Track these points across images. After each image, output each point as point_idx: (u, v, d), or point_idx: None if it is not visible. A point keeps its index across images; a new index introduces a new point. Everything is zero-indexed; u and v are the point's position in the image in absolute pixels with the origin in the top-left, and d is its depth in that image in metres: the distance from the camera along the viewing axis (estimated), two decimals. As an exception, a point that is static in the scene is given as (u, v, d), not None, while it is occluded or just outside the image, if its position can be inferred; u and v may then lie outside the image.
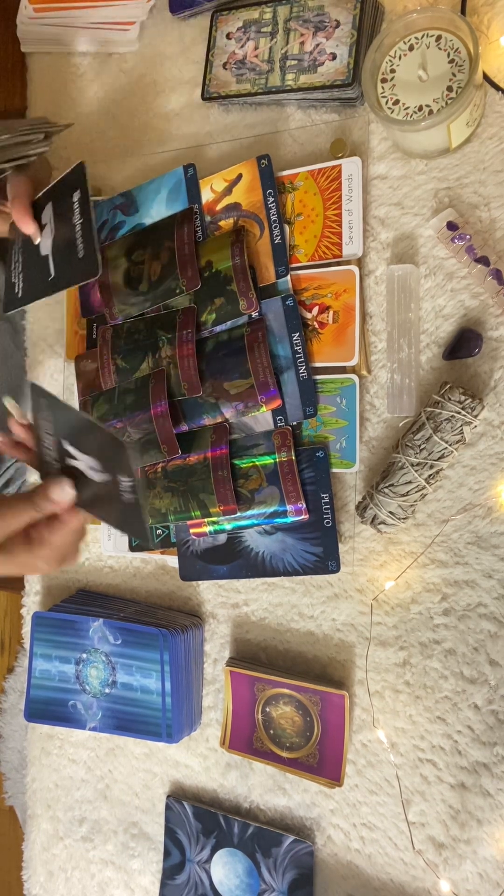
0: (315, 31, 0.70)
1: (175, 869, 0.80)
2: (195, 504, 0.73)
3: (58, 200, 0.72)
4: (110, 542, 0.82)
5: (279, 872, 0.74)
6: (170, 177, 0.77)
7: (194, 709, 0.78)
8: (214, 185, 0.75)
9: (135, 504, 0.57)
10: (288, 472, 0.71)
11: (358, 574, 0.71)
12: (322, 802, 0.73)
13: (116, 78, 0.84)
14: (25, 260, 0.75)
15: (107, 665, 0.79)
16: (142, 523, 0.58)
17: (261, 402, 0.71)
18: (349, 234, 0.69)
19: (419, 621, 0.69)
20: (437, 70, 0.63)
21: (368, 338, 0.70)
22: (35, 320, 0.90)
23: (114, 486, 0.58)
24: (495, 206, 0.65)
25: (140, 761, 0.83)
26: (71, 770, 0.88)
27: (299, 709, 0.72)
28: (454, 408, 0.63)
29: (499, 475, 0.65)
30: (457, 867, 0.67)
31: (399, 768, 0.70)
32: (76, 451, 0.59)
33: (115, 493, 0.58)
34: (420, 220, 0.68)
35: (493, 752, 0.66)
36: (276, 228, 0.72)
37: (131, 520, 0.59)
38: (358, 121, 0.71)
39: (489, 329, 0.65)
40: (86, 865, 0.88)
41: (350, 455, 0.70)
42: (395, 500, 0.65)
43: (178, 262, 0.74)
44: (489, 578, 0.66)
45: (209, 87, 0.76)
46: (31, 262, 0.74)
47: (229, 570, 0.75)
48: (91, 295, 0.82)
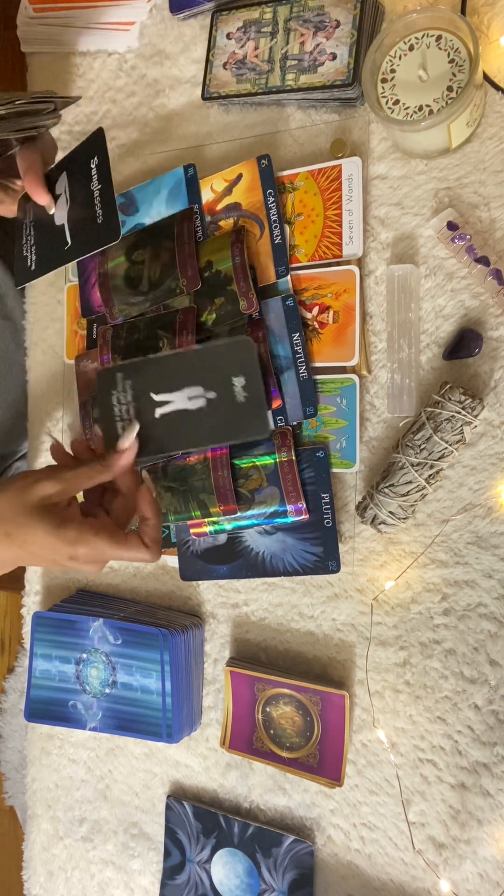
0: (315, 31, 0.70)
1: (175, 869, 0.80)
2: (195, 504, 0.73)
3: (74, 169, 0.72)
4: (110, 542, 0.82)
5: (279, 872, 0.74)
6: (170, 177, 0.77)
7: (194, 709, 0.78)
8: (214, 185, 0.75)
9: (251, 398, 0.61)
10: (288, 472, 0.71)
11: (358, 574, 0.71)
12: (322, 802, 0.74)
13: (116, 78, 0.84)
14: (38, 233, 0.75)
15: (107, 665, 0.79)
16: (263, 417, 0.62)
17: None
18: (349, 234, 0.69)
19: (419, 621, 0.69)
20: (437, 70, 0.63)
21: (368, 338, 0.70)
22: (35, 320, 0.90)
23: (227, 396, 0.61)
24: (495, 206, 0.65)
25: (140, 761, 0.83)
26: (71, 770, 0.88)
27: (299, 709, 0.72)
28: (454, 408, 0.63)
29: (499, 475, 0.65)
30: (457, 867, 0.67)
31: (399, 768, 0.70)
32: (170, 395, 0.62)
33: (228, 404, 0.62)
34: (420, 220, 0.68)
35: (493, 752, 0.66)
36: (277, 228, 0.72)
37: (250, 418, 0.62)
38: (358, 121, 0.71)
39: (489, 329, 0.65)
40: (86, 865, 0.88)
41: (350, 455, 0.70)
42: (395, 500, 0.65)
43: (178, 262, 0.74)
44: (489, 578, 0.66)
45: (209, 87, 0.76)
46: (44, 234, 0.74)
47: (229, 570, 0.75)
48: (91, 295, 0.82)
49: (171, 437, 0.65)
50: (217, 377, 0.62)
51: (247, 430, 0.66)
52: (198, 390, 0.61)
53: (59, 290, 0.88)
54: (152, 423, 0.65)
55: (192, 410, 0.63)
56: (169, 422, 0.64)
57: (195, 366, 0.62)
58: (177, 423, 0.64)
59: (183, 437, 0.65)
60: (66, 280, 0.86)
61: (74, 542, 0.58)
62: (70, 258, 0.71)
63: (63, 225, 0.72)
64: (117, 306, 0.78)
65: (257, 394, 0.63)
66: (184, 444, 0.65)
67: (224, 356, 0.64)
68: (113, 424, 0.65)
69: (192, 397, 0.62)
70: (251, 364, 0.62)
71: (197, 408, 0.63)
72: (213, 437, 0.65)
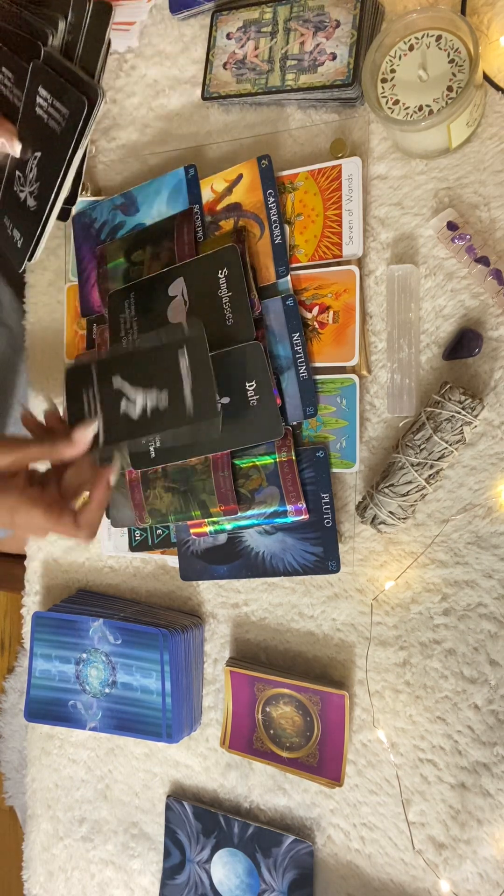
0: (315, 31, 0.70)
1: (175, 869, 0.80)
2: (195, 504, 0.73)
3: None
4: (110, 542, 0.82)
5: (279, 872, 0.74)
6: (171, 177, 0.77)
7: (194, 709, 0.78)
8: (215, 186, 0.75)
9: (263, 402, 0.67)
10: (288, 472, 0.71)
11: (358, 574, 0.71)
12: (322, 802, 0.74)
13: (116, 78, 0.84)
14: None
15: (107, 665, 0.79)
16: (276, 420, 0.68)
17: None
18: (349, 234, 0.69)
19: (419, 621, 0.69)
20: (437, 70, 0.63)
21: (368, 338, 0.70)
22: (35, 320, 0.90)
23: (240, 401, 0.67)
24: (495, 206, 0.65)
25: (140, 761, 0.83)
26: (71, 770, 0.88)
27: (299, 709, 0.72)
28: (454, 408, 0.63)
29: (499, 475, 0.65)
30: (457, 867, 0.67)
31: (399, 768, 0.70)
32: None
33: (241, 409, 0.67)
34: (420, 220, 0.68)
35: (493, 752, 0.66)
36: (277, 228, 0.72)
37: (264, 421, 0.68)
38: (358, 121, 0.71)
39: (489, 329, 0.65)
40: (86, 865, 0.88)
41: (350, 455, 0.70)
42: (395, 500, 0.65)
43: (178, 262, 0.74)
44: (489, 578, 0.66)
45: (209, 87, 0.76)
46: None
47: (229, 570, 0.75)
48: (91, 295, 0.82)
49: (187, 445, 0.68)
50: (231, 382, 0.66)
51: (261, 434, 0.68)
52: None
53: (59, 290, 0.88)
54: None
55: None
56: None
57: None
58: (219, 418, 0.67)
59: (199, 444, 0.68)
60: (66, 280, 0.86)
61: (11, 509, 0.63)
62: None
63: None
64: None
65: (269, 397, 0.65)
66: (200, 451, 0.69)
67: (235, 362, 0.67)
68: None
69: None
70: (261, 368, 0.64)
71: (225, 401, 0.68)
72: (229, 442, 0.67)
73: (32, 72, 0.72)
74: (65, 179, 0.72)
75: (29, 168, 0.74)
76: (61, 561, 0.88)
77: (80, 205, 0.83)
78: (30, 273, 0.90)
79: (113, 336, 0.76)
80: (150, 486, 0.75)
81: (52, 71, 0.71)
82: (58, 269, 0.88)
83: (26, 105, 0.74)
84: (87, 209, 0.82)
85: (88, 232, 0.82)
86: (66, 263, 0.87)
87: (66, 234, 0.86)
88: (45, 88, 0.71)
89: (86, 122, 0.69)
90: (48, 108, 0.71)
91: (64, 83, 0.70)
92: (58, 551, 0.88)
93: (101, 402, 0.70)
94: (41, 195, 0.73)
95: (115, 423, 0.69)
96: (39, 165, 0.73)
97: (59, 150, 0.71)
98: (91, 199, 0.83)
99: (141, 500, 0.76)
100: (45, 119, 0.71)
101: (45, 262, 0.88)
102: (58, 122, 0.70)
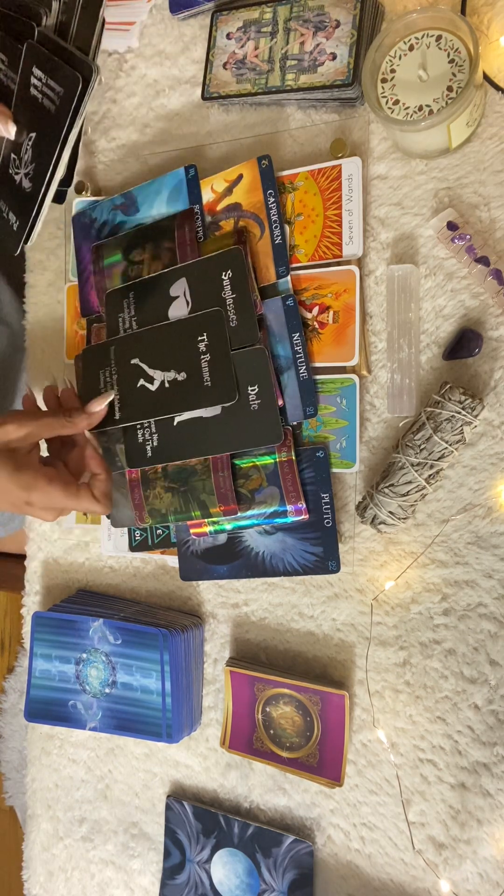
0: (315, 31, 0.70)
1: (175, 869, 0.80)
2: (195, 504, 0.73)
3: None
4: (110, 542, 0.82)
5: (279, 872, 0.74)
6: (171, 177, 0.77)
7: (194, 709, 0.78)
8: (215, 186, 0.75)
9: (265, 405, 0.68)
10: (288, 472, 0.71)
11: (358, 574, 0.71)
12: (322, 802, 0.74)
13: (116, 78, 0.84)
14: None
15: (107, 665, 0.79)
16: (277, 424, 0.68)
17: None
18: (349, 234, 0.69)
19: (419, 621, 0.69)
20: (437, 70, 0.63)
21: (368, 338, 0.70)
22: (35, 320, 0.90)
23: (241, 405, 0.68)
24: (495, 206, 0.65)
25: (140, 761, 0.83)
26: (71, 770, 0.88)
27: (299, 709, 0.72)
28: (454, 408, 0.63)
29: (499, 475, 0.65)
30: (457, 867, 0.67)
31: (399, 768, 0.70)
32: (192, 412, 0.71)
33: (243, 412, 0.68)
34: (420, 220, 0.68)
35: (493, 752, 0.66)
36: (277, 228, 0.72)
37: (264, 425, 0.68)
38: (358, 121, 0.71)
39: (489, 329, 0.65)
40: (86, 865, 0.88)
41: (350, 455, 0.70)
42: (395, 500, 0.65)
43: (178, 262, 0.74)
44: (489, 578, 0.66)
45: (209, 87, 0.76)
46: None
47: (229, 570, 0.75)
48: (90, 295, 0.82)
49: (185, 445, 0.68)
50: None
51: (261, 437, 0.68)
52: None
53: (58, 290, 0.88)
54: (172, 430, 0.70)
55: (208, 418, 0.66)
56: (184, 430, 0.68)
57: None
58: (192, 431, 0.67)
59: (198, 445, 0.68)
60: (66, 280, 0.87)
61: (29, 487, 0.62)
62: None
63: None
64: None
65: (271, 401, 0.66)
66: (199, 452, 0.69)
67: (237, 365, 0.67)
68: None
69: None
70: (264, 372, 0.65)
71: (212, 416, 0.69)
72: (228, 444, 0.68)
73: (26, 52, 0.71)
74: (60, 159, 0.71)
75: (24, 150, 0.73)
76: (61, 561, 0.88)
77: (79, 205, 0.83)
78: (30, 273, 0.90)
79: (110, 335, 0.76)
80: (150, 486, 0.75)
81: (46, 51, 0.70)
82: (58, 269, 0.88)
83: (20, 86, 0.73)
84: (87, 209, 0.82)
85: (88, 232, 0.82)
86: (66, 263, 0.87)
87: (66, 234, 0.86)
88: (39, 68, 0.71)
89: (80, 99, 0.68)
90: (42, 88, 0.71)
91: (58, 61, 0.69)
92: (58, 551, 0.88)
93: (118, 380, 0.71)
94: (36, 176, 0.72)
95: (132, 401, 0.70)
96: (34, 146, 0.72)
97: (53, 129, 0.70)
98: (91, 199, 0.83)
99: (141, 500, 0.76)
100: (40, 99, 0.71)
101: (45, 262, 0.89)
102: (52, 100, 0.70)
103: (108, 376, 0.73)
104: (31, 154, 0.73)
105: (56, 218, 0.88)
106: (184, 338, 0.70)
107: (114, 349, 0.74)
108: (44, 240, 0.88)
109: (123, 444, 0.74)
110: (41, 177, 0.72)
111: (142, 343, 0.73)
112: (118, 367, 0.73)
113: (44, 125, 0.71)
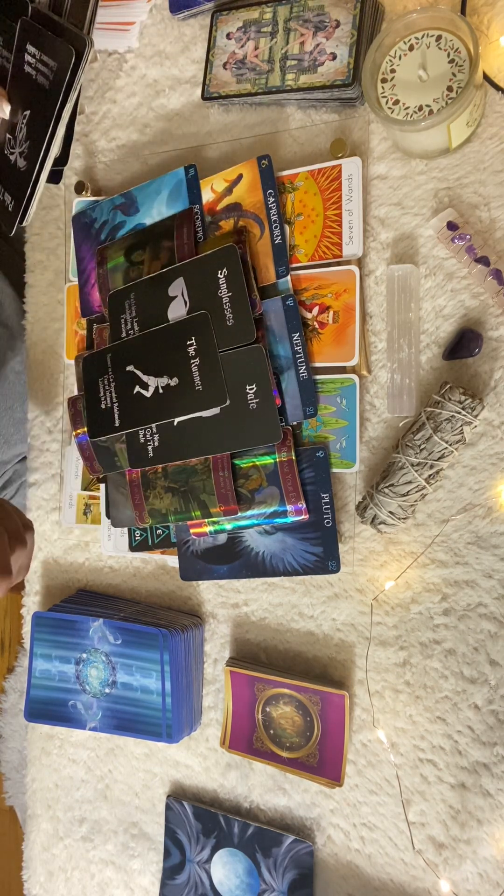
0: (315, 31, 0.70)
1: (175, 869, 0.80)
2: (195, 504, 0.73)
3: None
4: (110, 542, 0.82)
5: (279, 872, 0.74)
6: (171, 177, 0.77)
7: (194, 709, 0.78)
8: (215, 186, 0.75)
9: (263, 405, 0.68)
10: (288, 472, 0.71)
11: (358, 574, 0.71)
12: (322, 802, 0.74)
13: (116, 78, 0.84)
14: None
15: (107, 665, 0.79)
16: (275, 424, 0.68)
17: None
18: (349, 234, 0.69)
19: (419, 621, 0.69)
20: (437, 70, 0.63)
21: (368, 338, 0.70)
22: (35, 320, 0.90)
23: (239, 404, 0.68)
24: (495, 206, 0.65)
25: (140, 761, 0.83)
26: (71, 770, 0.88)
27: (299, 709, 0.72)
28: (454, 408, 0.63)
29: (499, 475, 0.65)
30: (457, 867, 0.67)
31: (399, 768, 0.70)
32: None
33: (241, 411, 0.68)
34: (420, 220, 0.68)
35: (493, 752, 0.66)
36: (277, 228, 0.72)
37: (263, 424, 0.68)
38: (358, 121, 0.71)
39: (489, 329, 0.65)
40: (86, 865, 0.88)
41: (350, 455, 0.70)
42: (395, 500, 0.65)
43: (178, 262, 0.74)
44: (489, 578, 0.66)
45: (209, 87, 0.76)
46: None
47: (229, 570, 0.75)
48: (91, 295, 0.82)
49: (186, 445, 0.69)
50: (230, 384, 0.67)
51: (261, 436, 0.68)
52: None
53: (59, 290, 0.88)
54: (173, 430, 0.70)
55: (207, 418, 0.67)
56: (185, 430, 0.68)
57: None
58: (192, 431, 0.67)
59: (199, 445, 0.68)
60: (66, 280, 0.87)
61: None
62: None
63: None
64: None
65: (269, 400, 0.66)
66: (200, 451, 0.69)
67: (235, 364, 0.67)
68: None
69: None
70: (262, 371, 0.65)
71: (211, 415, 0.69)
72: (227, 444, 0.68)
73: (21, 29, 0.71)
74: (54, 136, 0.70)
75: (19, 128, 0.73)
76: (61, 561, 0.88)
77: (80, 205, 0.83)
78: (30, 273, 0.90)
79: (113, 336, 0.76)
80: (150, 486, 0.75)
81: (40, 26, 0.70)
82: (58, 269, 0.88)
83: (15, 65, 0.72)
84: (87, 209, 0.82)
85: (88, 232, 0.82)
86: (65, 263, 0.87)
87: (66, 234, 0.86)
88: (32, 45, 0.70)
89: (74, 72, 0.68)
90: (36, 64, 0.70)
91: (51, 35, 0.68)
92: (58, 551, 0.88)
93: (115, 388, 0.72)
94: (31, 155, 0.72)
95: (129, 408, 0.71)
96: (29, 124, 0.71)
97: (48, 105, 0.70)
98: (91, 199, 0.83)
99: (141, 500, 0.76)
100: (34, 76, 0.70)
101: (45, 262, 0.89)
102: (46, 76, 0.69)
103: (107, 384, 0.74)
104: (26, 132, 0.72)
105: (56, 218, 0.88)
106: (174, 343, 0.71)
107: (110, 357, 0.75)
108: (44, 240, 0.88)
109: (125, 444, 0.75)
110: (36, 155, 0.71)
111: (136, 349, 0.73)
112: (115, 375, 0.74)
113: (38, 102, 0.71)
